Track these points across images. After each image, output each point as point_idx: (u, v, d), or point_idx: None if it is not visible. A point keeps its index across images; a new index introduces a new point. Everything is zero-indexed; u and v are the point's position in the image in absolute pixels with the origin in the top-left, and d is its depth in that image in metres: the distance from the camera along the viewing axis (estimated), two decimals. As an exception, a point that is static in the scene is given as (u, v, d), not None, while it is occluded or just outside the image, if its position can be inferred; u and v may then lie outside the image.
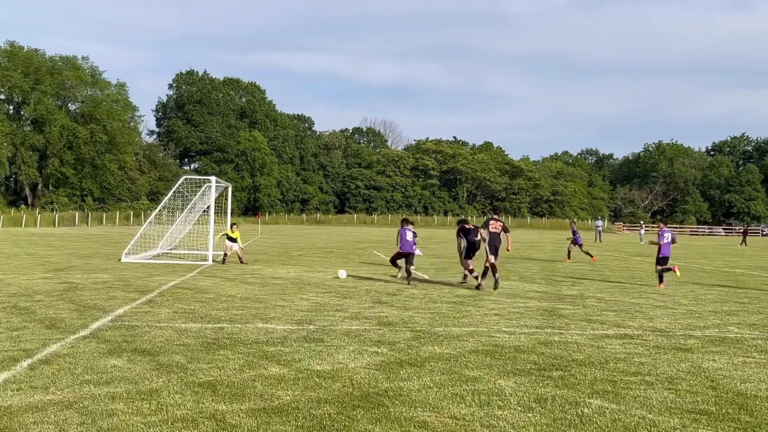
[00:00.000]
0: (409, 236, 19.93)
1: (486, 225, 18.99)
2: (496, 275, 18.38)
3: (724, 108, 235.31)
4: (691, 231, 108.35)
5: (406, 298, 15.96)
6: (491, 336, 11.23)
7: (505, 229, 19.06)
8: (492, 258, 18.50)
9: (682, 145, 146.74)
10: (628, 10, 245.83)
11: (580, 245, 31.63)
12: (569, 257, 31.25)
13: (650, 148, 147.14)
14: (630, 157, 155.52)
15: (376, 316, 13.23)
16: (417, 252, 20.91)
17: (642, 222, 76.26)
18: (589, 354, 10.01)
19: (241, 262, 25.18)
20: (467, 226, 19.90)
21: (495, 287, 18.06)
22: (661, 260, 20.17)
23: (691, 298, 17.59)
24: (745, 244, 58.84)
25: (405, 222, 20.71)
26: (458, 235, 20.17)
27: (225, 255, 25.67)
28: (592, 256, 31.37)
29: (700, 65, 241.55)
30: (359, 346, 10.11)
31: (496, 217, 19.40)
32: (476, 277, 18.57)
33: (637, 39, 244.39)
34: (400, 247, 20.02)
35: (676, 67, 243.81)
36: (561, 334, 11.65)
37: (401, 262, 20.54)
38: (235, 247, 25.87)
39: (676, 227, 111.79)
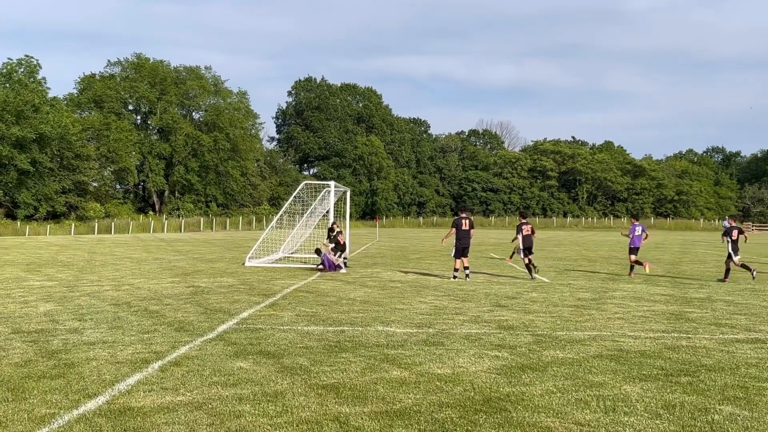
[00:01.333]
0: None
1: (519, 230, 21.94)
2: (533, 273, 21.48)
3: None
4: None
5: (525, 302, 15.79)
6: (615, 341, 10.98)
7: (533, 231, 22.17)
8: (526, 259, 21.64)
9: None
10: (754, 3, 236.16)
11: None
12: (511, 257, 28.65)
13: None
14: (759, 155, 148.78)
15: (495, 319, 13.14)
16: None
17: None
18: (719, 359, 9.66)
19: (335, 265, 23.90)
20: (463, 218, 21.31)
21: (532, 277, 21.36)
22: (633, 250, 23.22)
23: (829, 301, 16.76)
24: None
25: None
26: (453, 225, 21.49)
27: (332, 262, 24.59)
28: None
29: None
30: (479, 350, 10.05)
31: (525, 221, 22.27)
32: (454, 277, 21.00)
33: (763, 32, 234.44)
34: None
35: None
36: (689, 338, 11.29)
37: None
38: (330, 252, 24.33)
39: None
